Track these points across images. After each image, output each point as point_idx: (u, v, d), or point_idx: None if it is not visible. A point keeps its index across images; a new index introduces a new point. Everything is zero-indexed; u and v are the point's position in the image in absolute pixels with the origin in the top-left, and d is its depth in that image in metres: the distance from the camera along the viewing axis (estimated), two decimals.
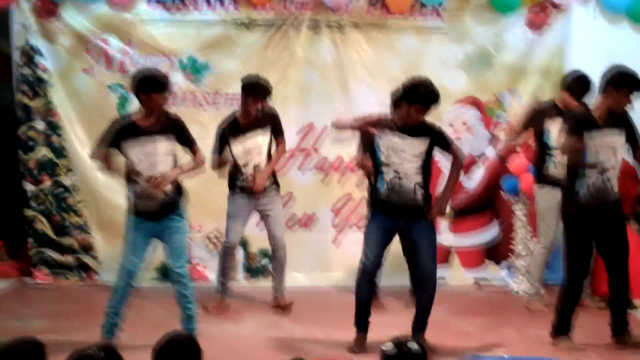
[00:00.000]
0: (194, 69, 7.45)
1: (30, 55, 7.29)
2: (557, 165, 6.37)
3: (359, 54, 7.57)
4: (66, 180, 7.42)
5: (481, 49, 7.60)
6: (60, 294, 7.07)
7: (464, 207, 7.74)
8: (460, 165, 5.67)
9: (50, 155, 7.40)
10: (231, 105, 7.36)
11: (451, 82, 7.48)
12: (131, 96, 7.18)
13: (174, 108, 7.24)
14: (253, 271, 7.56)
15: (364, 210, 7.13)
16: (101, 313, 5.48)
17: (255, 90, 6.30)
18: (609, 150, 5.46)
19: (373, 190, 5.50)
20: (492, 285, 7.63)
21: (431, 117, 7.35)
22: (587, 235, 5.52)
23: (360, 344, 5.42)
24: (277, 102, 7.50)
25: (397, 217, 5.42)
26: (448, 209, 7.46)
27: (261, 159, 6.40)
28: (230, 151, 6.40)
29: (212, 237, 7.49)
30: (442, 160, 6.82)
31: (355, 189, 7.57)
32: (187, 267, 5.63)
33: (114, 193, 7.19)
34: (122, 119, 5.52)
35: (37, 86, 7.34)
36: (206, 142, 7.20)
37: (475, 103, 7.71)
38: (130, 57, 7.36)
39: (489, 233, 7.81)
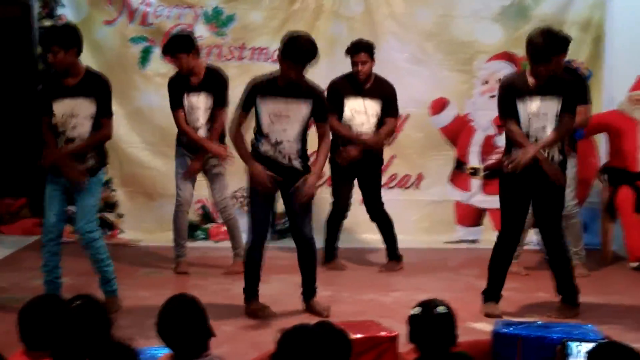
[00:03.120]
0: (220, 21, 7.22)
1: (51, 6, 7.15)
2: None
3: (389, 5, 7.31)
4: None
5: (518, 0, 7.28)
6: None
7: (497, 166, 7.47)
8: (329, 145, 5.33)
9: None
10: (257, 60, 7.15)
11: (485, 36, 7.24)
12: (154, 49, 7.07)
13: None
14: (279, 232, 7.39)
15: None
16: (124, 271, 5.69)
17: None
18: (545, 118, 5.07)
19: (252, 151, 5.10)
20: (527, 248, 7.38)
21: (465, 74, 7.19)
22: (522, 196, 5.23)
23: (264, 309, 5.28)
24: None
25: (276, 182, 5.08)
26: (481, 169, 7.28)
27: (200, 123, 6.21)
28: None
29: (238, 195, 7.32)
30: (477, 119, 6.54)
31: None
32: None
33: (135, 149, 7.13)
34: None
35: None
36: (233, 98, 7.04)
37: (510, 59, 7.41)
38: (154, 9, 7.17)
39: None
